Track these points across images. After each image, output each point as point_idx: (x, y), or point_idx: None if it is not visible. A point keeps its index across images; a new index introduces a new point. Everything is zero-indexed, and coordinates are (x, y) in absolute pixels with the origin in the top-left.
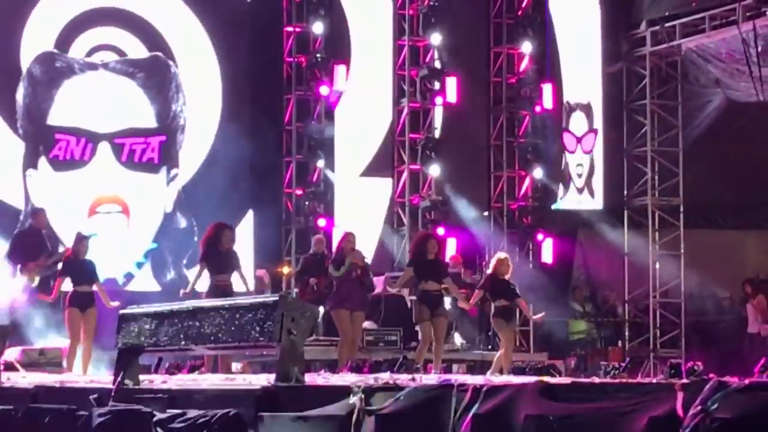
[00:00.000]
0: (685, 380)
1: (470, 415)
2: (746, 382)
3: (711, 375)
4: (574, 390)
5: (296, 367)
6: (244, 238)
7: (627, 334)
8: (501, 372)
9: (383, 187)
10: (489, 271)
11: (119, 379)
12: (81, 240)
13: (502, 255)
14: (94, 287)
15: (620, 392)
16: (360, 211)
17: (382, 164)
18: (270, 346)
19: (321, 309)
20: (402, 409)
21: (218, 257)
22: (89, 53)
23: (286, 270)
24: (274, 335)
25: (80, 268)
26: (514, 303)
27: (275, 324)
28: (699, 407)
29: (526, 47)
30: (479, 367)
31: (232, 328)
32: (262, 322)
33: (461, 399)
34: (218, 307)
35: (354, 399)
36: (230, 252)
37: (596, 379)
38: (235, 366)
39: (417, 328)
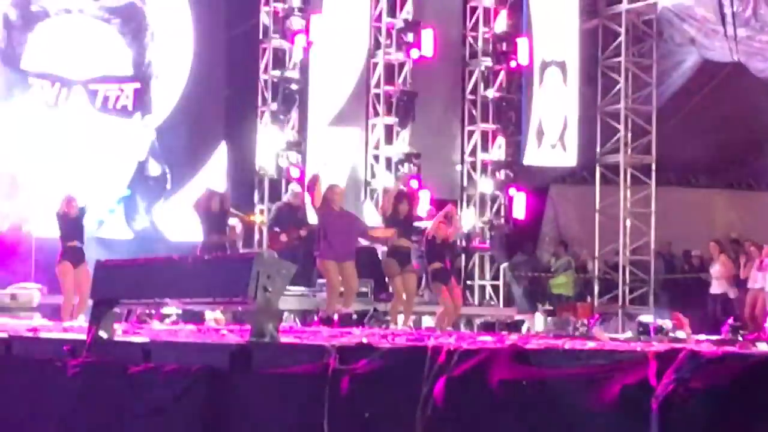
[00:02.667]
0: (658, 348)
1: (444, 377)
2: (719, 352)
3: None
4: (547, 355)
5: (271, 324)
6: (218, 186)
7: (597, 290)
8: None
9: (352, 137)
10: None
11: (94, 330)
12: (70, 200)
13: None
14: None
15: (593, 359)
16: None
17: (350, 115)
18: (245, 303)
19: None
20: (377, 369)
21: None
22: None
23: (258, 219)
24: (250, 292)
25: (72, 223)
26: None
27: (251, 281)
28: (672, 377)
29: (503, 1)
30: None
31: (208, 284)
32: (238, 279)
33: (435, 361)
34: (193, 261)
35: (328, 358)
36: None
37: (568, 344)
38: (211, 315)
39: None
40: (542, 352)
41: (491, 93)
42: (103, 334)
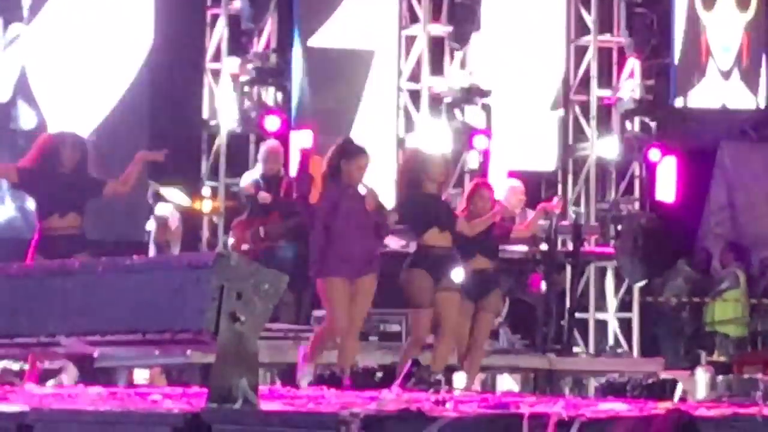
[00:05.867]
0: None
1: None
2: None
3: None
4: (728, 426)
5: (244, 379)
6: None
7: None
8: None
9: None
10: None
11: None
12: None
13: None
14: None
15: None
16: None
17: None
18: (200, 342)
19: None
20: None
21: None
22: None
23: (207, 206)
24: (207, 322)
25: None
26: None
27: (209, 303)
28: None
29: None
30: (543, 379)
31: (132, 308)
32: (186, 300)
33: None
34: (108, 268)
35: None
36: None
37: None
38: (141, 374)
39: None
40: (720, 422)
41: None
42: None
